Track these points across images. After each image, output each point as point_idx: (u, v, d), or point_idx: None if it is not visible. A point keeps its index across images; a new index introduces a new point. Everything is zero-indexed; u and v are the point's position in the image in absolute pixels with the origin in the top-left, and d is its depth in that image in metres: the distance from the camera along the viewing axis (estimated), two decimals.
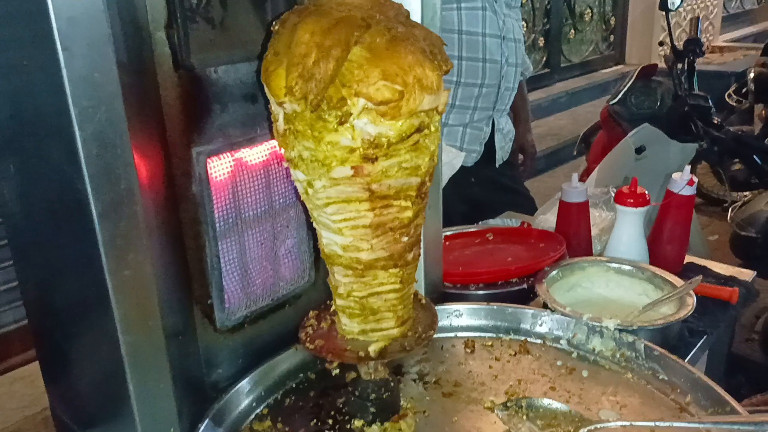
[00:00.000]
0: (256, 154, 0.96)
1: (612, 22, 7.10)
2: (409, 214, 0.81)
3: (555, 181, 4.63)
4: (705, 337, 1.22)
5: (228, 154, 0.92)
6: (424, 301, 0.97)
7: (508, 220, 1.67)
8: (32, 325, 0.99)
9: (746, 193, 3.84)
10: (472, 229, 1.49)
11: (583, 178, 2.73)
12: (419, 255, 0.87)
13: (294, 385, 1.03)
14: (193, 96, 0.87)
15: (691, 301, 1.12)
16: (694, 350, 1.19)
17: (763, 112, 3.86)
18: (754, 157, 2.49)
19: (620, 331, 1.04)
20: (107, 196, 0.69)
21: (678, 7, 2.53)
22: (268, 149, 0.97)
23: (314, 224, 0.85)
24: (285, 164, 0.82)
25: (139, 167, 0.75)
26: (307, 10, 0.76)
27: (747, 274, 1.46)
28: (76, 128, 0.66)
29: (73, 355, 0.92)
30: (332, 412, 0.96)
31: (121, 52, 0.71)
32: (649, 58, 7.12)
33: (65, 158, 0.68)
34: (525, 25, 5.79)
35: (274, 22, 0.81)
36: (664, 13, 2.49)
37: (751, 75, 3.88)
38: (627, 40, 7.21)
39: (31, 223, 0.84)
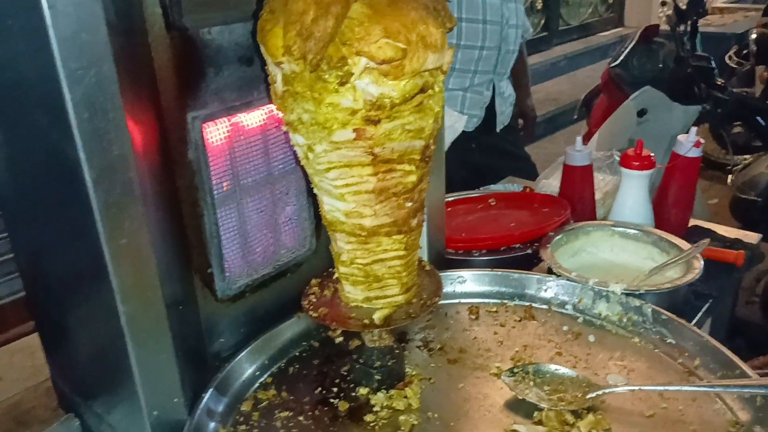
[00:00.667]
0: (253, 118, 0.93)
1: None
2: (413, 178, 0.78)
3: (555, 146, 4.59)
4: (711, 300, 1.21)
5: (224, 119, 0.89)
6: (428, 268, 0.95)
7: (510, 185, 1.65)
8: (30, 297, 0.97)
9: (747, 156, 3.82)
10: (474, 195, 1.47)
11: (584, 142, 2.70)
12: (423, 221, 0.85)
13: (298, 354, 1.02)
14: (186, 58, 0.83)
15: (699, 265, 1.11)
16: (699, 314, 1.18)
17: (765, 73, 3.80)
18: (757, 119, 2.46)
19: (627, 295, 1.03)
20: (100, 162, 0.67)
21: None
22: (265, 113, 0.95)
23: (315, 190, 0.83)
24: (284, 128, 0.79)
25: (132, 132, 0.72)
26: None
27: (752, 237, 1.45)
28: (65, 91, 0.63)
29: (73, 327, 0.90)
30: (337, 380, 0.95)
31: (110, 11, 0.68)
32: (649, 20, 7.02)
33: (55, 124, 0.66)
34: None
35: None
36: None
37: (753, 36, 3.82)
38: (626, 2, 7.09)
39: (24, 194, 0.82)
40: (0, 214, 0.93)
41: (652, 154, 1.29)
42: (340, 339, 1.03)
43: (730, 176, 3.29)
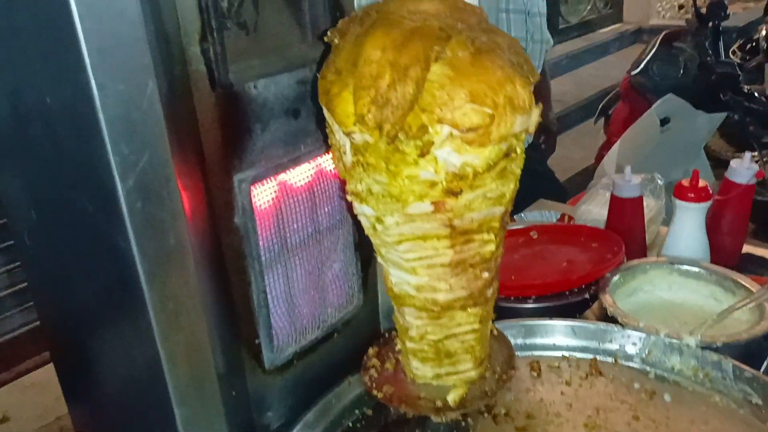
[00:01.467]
0: (300, 175, 0.86)
1: None
2: (491, 247, 0.71)
3: (562, 149, 4.51)
4: None
5: (272, 178, 0.82)
6: (495, 332, 0.88)
7: (546, 213, 1.57)
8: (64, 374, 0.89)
9: (760, 154, 3.76)
10: (513, 227, 1.39)
11: (603, 151, 2.63)
12: (498, 288, 0.78)
13: (351, 425, 0.94)
14: (232, 116, 0.76)
15: None
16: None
17: None
18: None
19: (703, 348, 0.95)
20: (154, 253, 0.59)
21: None
22: (312, 168, 0.87)
23: (380, 260, 0.75)
24: (348, 197, 0.72)
25: (185, 209, 0.65)
26: (370, 18, 0.65)
27: None
28: (117, 180, 0.55)
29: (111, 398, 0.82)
30: None
31: (161, 80, 0.60)
32: (648, 16, 6.97)
33: (103, 212, 0.58)
34: None
35: (329, 32, 0.69)
36: None
37: (763, 33, 3.75)
38: None
39: (67, 286, 0.74)
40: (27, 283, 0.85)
41: (708, 184, 1.22)
42: None
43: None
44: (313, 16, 0.84)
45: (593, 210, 1.47)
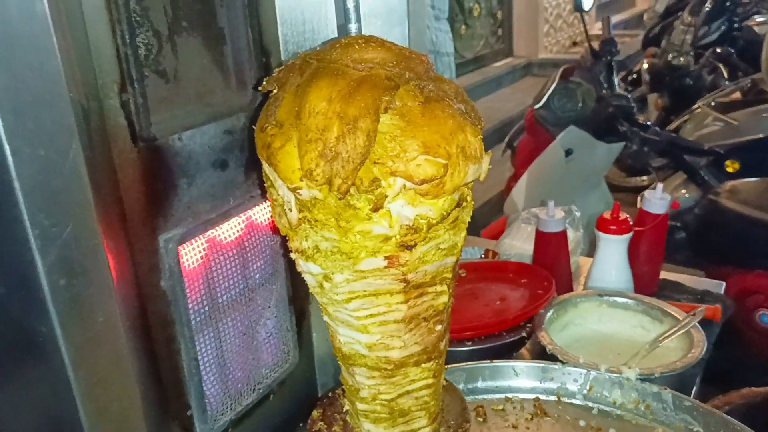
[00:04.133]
0: (230, 230, 0.80)
1: (499, 15, 7.23)
2: (444, 299, 0.68)
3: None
4: (704, 365, 1.18)
5: (200, 236, 0.76)
6: (445, 383, 0.84)
7: (470, 248, 1.57)
8: None
9: (644, 178, 3.98)
10: None
11: (511, 183, 2.69)
12: (449, 340, 0.75)
13: None
14: (155, 172, 0.69)
15: (701, 337, 1.07)
16: (697, 380, 1.14)
17: (659, 101, 4.01)
18: (685, 157, 2.55)
19: (642, 380, 0.96)
20: (81, 337, 0.52)
21: (591, 8, 2.53)
22: (242, 222, 0.82)
23: (327, 320, 0.70)
24: (292, 255, 0.67)
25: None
26: (311, 67, 0.61)
27: (718, 285, 1.45)
28: (36, 255, 0.48)
29: None
30: None
31: (82, 138, 0.53)
32: (537, 49, 7.32)
33: (17, 291, 0.50)
34: None
35: (265, 81, 0.65)
36: (579, 14, 2.49)
37: (645, 66, 4.02)
38: (514, 33, 7.36)
39: None
40: None
41: (627, 216, 1.25)
42: None
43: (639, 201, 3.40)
44: (236, 62, 0.80)
45: (516, 244, 1.48)
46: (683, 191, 3.14)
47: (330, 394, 0.85)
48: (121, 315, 0.63)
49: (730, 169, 3.09)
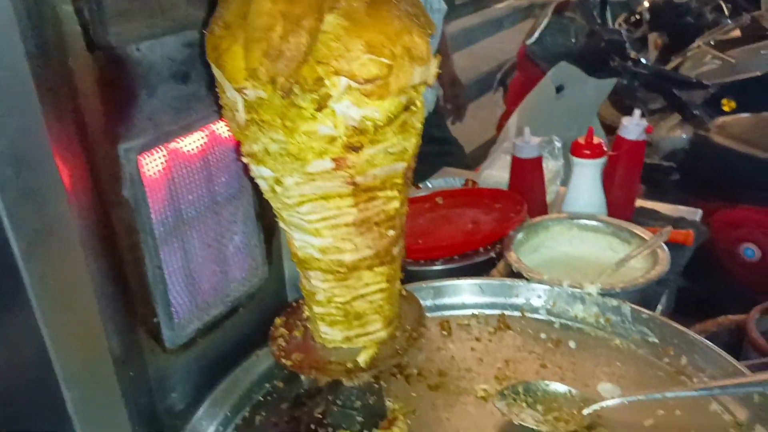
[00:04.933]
0: (192, 142, 0.81)
1: None
2: (395, 205, 0.70)
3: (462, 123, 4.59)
4: (670, 284, 1.21)
5: (161, 147, 0.77)
6: (404, 293, 0.87)
7: (451, 179, 1.58)
8: None
9: (647, 119, 3.95)
10: (419, 194, 1.39)
11: (503, 121, 2.69)
12: (404, 247, 0.77)
13: (262, 398, 0.91)
14: (114, 81, 0.70)
15: (665, 255, 1.09)
16: (662, 299, 1.17)
17: (658, 40, 3.95)
18: (674, 90, 2.53)
19: (602, 295, 0.99)
20: (32, 227, 0.54)
21: None
22: (205, 135, 0.83)
23: (282, 225, 0.73)
24: (244, 159, 0.68)
25: (64, 181, 0.59)
26: None
27: (694, 213, 1.47)
28: None
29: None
30: (312, 425, 0.86)
31: (27, 38, 0.54)
32: None
33: None
34: None
35: None
36: None
37: (646, 4, 3.94)
38: None
39: None
40: None
41: (602, 141, 1.26)
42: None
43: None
44: None
45: (496, 174, 1.50)
46: (679, 132, 3.13)
47: (294, 304, 0.88)
48: (78, 217, 0.66)
49: (726, 108, 3.07)
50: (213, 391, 0.87)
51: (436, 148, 1.97)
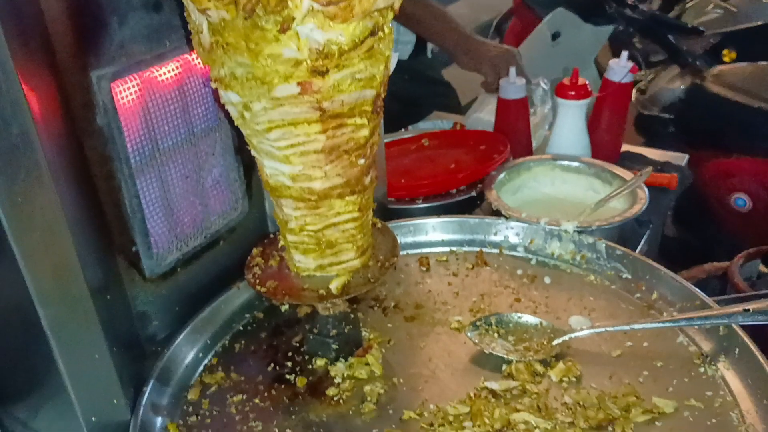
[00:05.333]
0: (167, 72, 0.81)
1: None
2: (365, 132, 0.70)
3: (460, 72, 4.54)
4: (651, 226, 1.22)
5: (135, 76, 0.77)
6: (380, 226, 0.88)
7: (439, 122, 1.58)
8: None
9: (647, 71, 3.90)
10: (406, 136, 1.39)
11: None
12: (377, 177, 0.78)
13: (242, 328, 0.94)
14: (83, 8, 0.70)
15: (644, 195, 1.10)
16: (642, 241, 1.18)
17: None
18: (669, 36, 2.49)
19: (579, 232, 1.00)
20: None
21: None
22: (179, 65, 0.83)
23: (253, 153, 0.73)
24: (213, 85, 0.69)
25: (30, 103, 0.60)
26: None
27: (680, 158, 1.47)
28: None
29: None
30: (290, 353, 0.88)
31: None
32: None
33: None
34: None
35: None
36: None
37: None
38: None
39: None
40: None
41: (587, 82, 1.25)
42: (287, 307, 0.96)
43: (634, 93, 3.35)
44: None
45: (483, 117, 1.50)
46: (678, 83, 3.10)
47: (271, 235, 0.89)
48: (49, 145, 0.66)
49: (726, 59, 3.03)
50: (194, 318, 0.89)
51: (429, 90, 1.95)
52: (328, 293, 0.77)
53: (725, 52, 3.01)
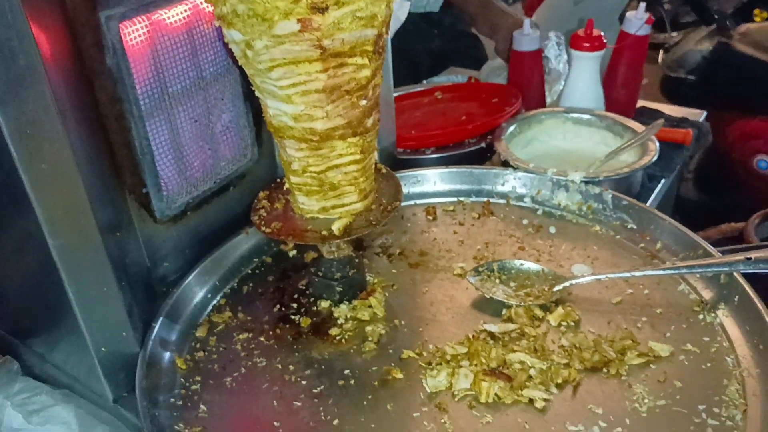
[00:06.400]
0: (175, 14, 0.82)
1: None
2: (366, 73, 0.71)
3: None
4: (662, 181, 1.21)
5: (143, 17, 0.78)
6: (384, 171, 0.89)
7: (454, 77, 1.57)
8: None
9: (675, 33, 3.81)
10: (418, 89, 1.39)
11: None
12: (379, 120, 0.78)
13: (250, 272, 0.96)
14: None
15: (654, 147, 1.09)
16: (653, 195, 1.18)
17: None
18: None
19: (586, 183, 1.00)
20: (4, 75, 0.56)
21: None
22: (188, 8, 0.83)
23: (257, 93, 0.74)
24: (216, 23, 0.69)
25: (38, 39, 0.61)
26: None
27: (697, 114, 1.45)
28: None
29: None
30: (296, 296, 0.90)
31: None
32: None
33: None
34: None
35: None
36: None
37: None
38: None
39: None
40: None
41: (602, 33, 1.24)
42: (294, 252, 0.98)
43: (660, 55, 3.28)
44: None
45: (497, 68, 1.48)
46: (707, 44, 3.03)
47: (278, 180, 0.91)
48: (59, 83, 0.68)
49: (757, 19, 2.95)
50: (203, 260, 0.92)
51: (459, 44, 1.92)
52: (330, 234, 0.79)
53: (756, 11, 2.93)
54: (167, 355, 0.81)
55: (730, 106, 2.26)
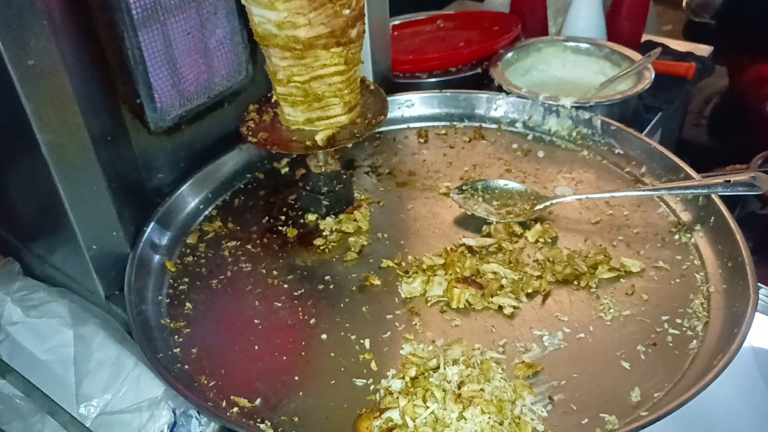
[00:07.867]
0: None
1: None
2: None
3: None
4: (660, 113, 1.20)
5: None
6: (372, 87, 0.91)
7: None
8: None
9: None
10: (420, 17, 1.38)
11: None
12: (364, 32, 0.79)
13: (242, 186, 0.98)
14: None
15: (649, 75, 1.08)
16: (649, 126, 1.18)
17: None
18: None
19: (577, 108, 1.01)
20: None
21: None
22: None
23: (243, 1, 0.75)
24: None
25: None
26: None
27: (704, 50, 1.43)
28: None
29: None
30: (284, 209, 0.93)
31: None
32: None
33: None
34: None
35: None
36: None
37: None
38: None
39: None
40: None
41: None
42: (286, 170, 1.01)
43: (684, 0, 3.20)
44: None
45: (497, 1, 1.47)
46: None
47: (268, 95, 0.92)
48: None
49: None
50: (197, 172, 0.94)
51: None
52: (314, 144, 0.81)
53: None
54: (157, 257, 0.84)
55: (748, 49, 2.21)
